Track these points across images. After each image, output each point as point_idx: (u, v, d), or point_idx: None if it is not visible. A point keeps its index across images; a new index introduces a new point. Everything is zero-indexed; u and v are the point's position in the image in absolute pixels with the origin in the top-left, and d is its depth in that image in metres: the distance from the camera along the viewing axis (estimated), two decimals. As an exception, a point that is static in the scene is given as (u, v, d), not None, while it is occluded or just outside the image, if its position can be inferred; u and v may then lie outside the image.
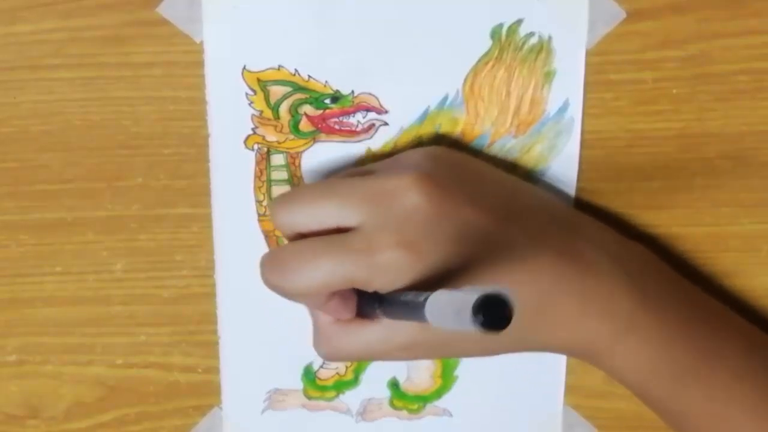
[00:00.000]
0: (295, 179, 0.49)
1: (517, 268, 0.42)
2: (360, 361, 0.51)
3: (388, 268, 0.40)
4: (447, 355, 0.49)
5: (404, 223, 0.40)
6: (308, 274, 0.41)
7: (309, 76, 0.47)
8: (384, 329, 0.43)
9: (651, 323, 0.44)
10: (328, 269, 0.40)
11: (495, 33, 0.47)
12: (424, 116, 0.48)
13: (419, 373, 0.52)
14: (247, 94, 0.47)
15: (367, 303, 0.43)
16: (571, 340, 0.44)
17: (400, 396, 0.52)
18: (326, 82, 0.47)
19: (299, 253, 0.41)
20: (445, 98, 0.48)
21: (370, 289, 0.41)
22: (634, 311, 0.44)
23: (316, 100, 0.47)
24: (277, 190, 0.49)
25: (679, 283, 0.47)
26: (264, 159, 0.48)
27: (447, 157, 0.45)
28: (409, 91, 0.47)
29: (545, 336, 0.44)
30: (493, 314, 0.31)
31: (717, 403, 0.45)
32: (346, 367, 0.52)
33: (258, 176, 0.49)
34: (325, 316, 0.44)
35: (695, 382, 0.45)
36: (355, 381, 0.52)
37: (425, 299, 0.34)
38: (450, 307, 0.32)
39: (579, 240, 0.45)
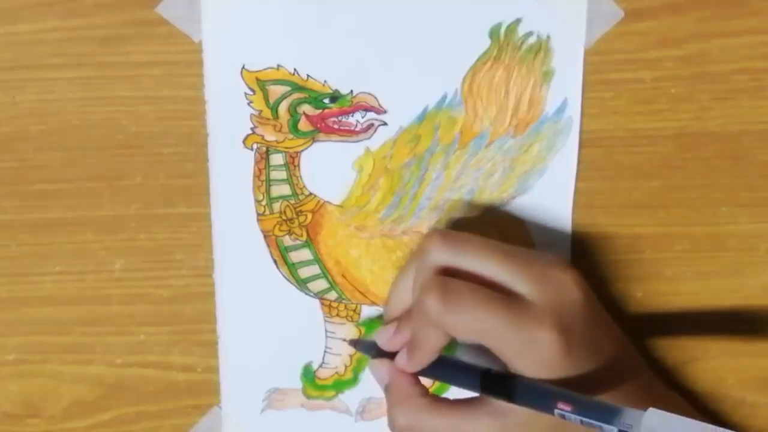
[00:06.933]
0: (294, 179, 0.49)
1: (644, 396, 0.45)
2: None
3: (543, 348, 0.42)
4: None
5: (565, 313, 0.43)
6: (477, 316, 0.42)
7: (308, 76, 0.47)
8: (499, 419, 0.44)
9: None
10: (496, 323, 0.42)
11: (493, 32, 0.47)
12: (423, 116, 0.48)
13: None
14: (246, 93, 0.47)
15: (478, 383, 0.44)
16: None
17: (399, 395, 0.52)
18: (325, 81, 0.47)
19: (476, 292, 0.43)
20: (444, 98, 0.48)
21: (513, 364, 0.43)
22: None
23: (315, 99, 0.48)
24: (276, 190, 0.49)
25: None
26: (263, 158, 0.48)
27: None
28: (408, 90, 0.47)
29: None
30: None
31: None
32: (345, 367, 0.52)
33: (257, 176, 0.49)
34: (408, 386, 0.46)
35: None
36: (354, 380, 0.52)
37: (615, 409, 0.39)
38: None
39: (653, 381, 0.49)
